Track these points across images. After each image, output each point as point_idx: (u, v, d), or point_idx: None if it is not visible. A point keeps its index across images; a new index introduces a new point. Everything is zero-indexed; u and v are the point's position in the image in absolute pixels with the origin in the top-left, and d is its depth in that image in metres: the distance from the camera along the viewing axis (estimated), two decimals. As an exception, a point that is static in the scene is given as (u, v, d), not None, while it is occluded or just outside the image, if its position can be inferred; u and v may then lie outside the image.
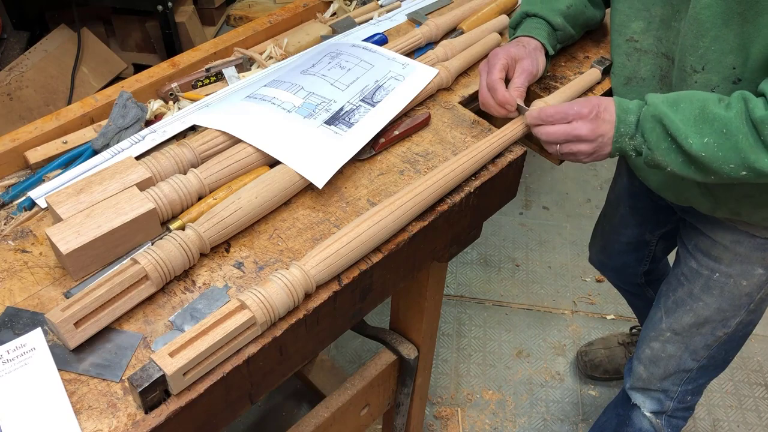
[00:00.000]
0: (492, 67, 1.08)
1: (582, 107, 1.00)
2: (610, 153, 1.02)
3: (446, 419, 1.97)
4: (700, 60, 1.00)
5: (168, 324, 0.83)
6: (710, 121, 0.93)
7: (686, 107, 0.95)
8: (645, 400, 1.40)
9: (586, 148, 1.00)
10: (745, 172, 0.92)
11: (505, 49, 1.10)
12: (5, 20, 2.29)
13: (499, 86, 1.07)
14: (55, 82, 2.20)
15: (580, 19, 1.22)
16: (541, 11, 1.17)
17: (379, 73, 1.13)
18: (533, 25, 1.17)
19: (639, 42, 1.12)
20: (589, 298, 2.30)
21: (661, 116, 0.96)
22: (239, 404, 0.86)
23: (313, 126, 1.02)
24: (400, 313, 1.37)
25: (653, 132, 0.96)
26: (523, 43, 1.13)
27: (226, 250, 0.92)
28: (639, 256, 1.60)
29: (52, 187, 0.98)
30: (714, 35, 0.96)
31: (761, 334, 2.15)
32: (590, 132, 0.99)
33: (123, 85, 1.15)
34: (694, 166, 0.96)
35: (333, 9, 1.40)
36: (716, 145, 0.92)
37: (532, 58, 1.11)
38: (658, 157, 0.97)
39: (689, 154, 0.94)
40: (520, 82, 1.09)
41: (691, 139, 0.93)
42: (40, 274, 0.88)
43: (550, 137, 1.01)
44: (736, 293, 1.21)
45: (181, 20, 2.27)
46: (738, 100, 0.93)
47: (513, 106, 1.07)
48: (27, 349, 0.79)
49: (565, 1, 1.18)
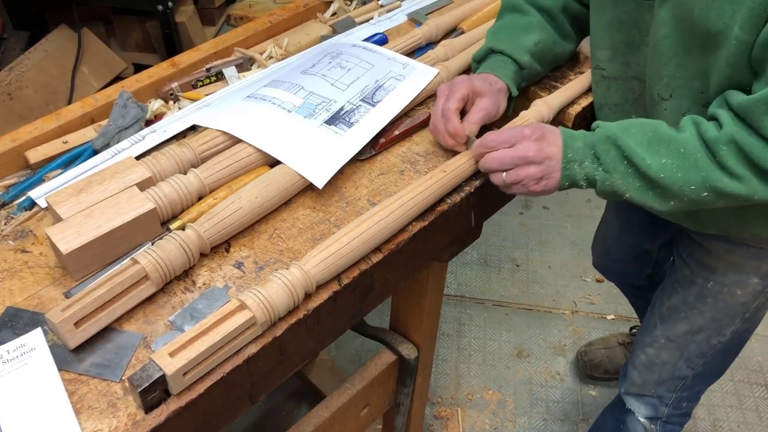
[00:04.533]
0: (451, 94, 1.03)
1: (524, 128, 0.95)
2: (559, 181, 0.95)
3: (446, 419, 1.97)
4: (666, 88, 0.97)
5: (168, 324, 0.83)
6: (666, 143, 0.90)
7: (637, 131, 0.92)
8: (640, 405, 1.39)
9: (534, 172, 0.94)
10: (706, 192, 0.89)
11: (469, 81, 1.05)
12: (5, 20, 2.29)
13: (453, 116, 1.01)
14: (56, 82, 2.20)
15: (547, 55, 1.15)
16: (506, 48, 1.09)
17: (379, 73, 1.13)
18: (498, 63, 1.09)
19: (606, 70, 1.09)
20: (589, 298, 2.30)
21: (615, 137, 0.92)
22: (239, 404, 0.86)
23: (314, 126, 1.02)
24: (400, 313, 1.37)
25: (608, 153, 0.92)
26: (489, 81, 1.06)
27: (226, 250, 0.92)
28: (641, 262, 1.60)
29: (52, 187, 0.98)
30: (677, 63, 0.94)
31: (761, 334, 2.15)
32: (537, 153, 0.93)
33: (123, 85, 1.15)
34: (653, 191, 0.92)
35: (333, 9, 1.40)
36: (675, 166, 0.89)
37: (495, 98, 1.05)
38: (616, 181, 0.93)
39: (648, 176, 0.90)
40: (476, 119, 1.03)
41: (649, 161, 0.90)
42: (40, 274, 0.88)
43: (495, 163, 0.95)
44: (731, 302, 1.19)
45: (182, 20, 2.26)
46: (689, 123, 0.91)
47: (462, 139, 1.02)
48: (27, 349, 0.79)
49: (532, 37, 1.11)
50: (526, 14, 1.14)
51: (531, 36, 1.11)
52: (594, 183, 0.95)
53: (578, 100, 1.17)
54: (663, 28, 0.93)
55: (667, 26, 0.92)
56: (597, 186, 0.94)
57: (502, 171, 0.95)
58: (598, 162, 0.93)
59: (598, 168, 0.93)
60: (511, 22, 1.14)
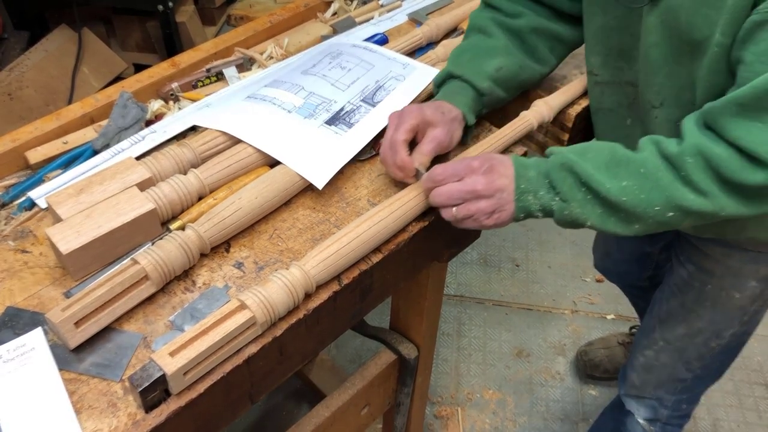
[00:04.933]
0: (400, 125, 0.96)
1: (472, 161, 0.90)
2: (513, 214, 0.90)
3: (446, 419, 1.97)
4: (657, 96, 0.95)
5: (168, 324, 0.83)
6: (624, 164, 0.86)
7: (594, 155, 0.88)
8: (639, 407, 1.39)
9: (485, 206, 0.89)
10: (671, 212, 0.85)
11: (419, 110, 0.97)
12: (5, 20, 2.29)
13: (401, 149, 0.95)
14: (56, 82, 2.20)
15: (513, 81, 1.07)
16: (466, 74, 1.03)
17: (379, 74, 1.13)
18: (456, 90, 1.03)
19: (599, 75, 1.06)
20: (589, 297, 2.30)
21: (570, 164, 0.87)
22: (239, 404, 0.86)
23: (314, 126, 1.02)
24: (400, 313, 1.37)
25: (565, 182, 0.87)
26: (442, 109, 0.99)
27: (226, 250, 0.92)
28: (642, 264, 1.60)
29: (52, 187, 0.98)
30: (667, 72, 0.91)
31: (761, 334, 2.15)
32: (486, 186, 0.88)
33: (123, 85, 1.15)
34: (615, 216, 0.87)
35: (333, 9, 1.40)
36: (636, 187, 0.85)
37: (448, 128, 0.99)
38: (575, 209, 0.88)
39: (609, 201, 0.86)
40: (427, 150, 0.97)
41: (608, 185, 0.85)
42: (40, 274, 0.88)
43: (443, 197, 0.90)
44: (729, 305, 1.17)
45: (182, 20, 2.27)
46: (648, 142, 0.88)
47: (411, 172, 0.95)
48: (27, 349, 0.79)
49: (495, 62, 1.04)
50: (490, 36, 1.07)
51: (494, 60, 1.05)
52: (551, 213, 0.90)
53: (578, 100, 1.16)
54: (652, 36, 0.90)
55: (656, 34, 0.90)
56: (554, 216, 0.90)
57: (452, 206, 0.90)
58: (554, 191, 0.88)
59: (554, 197, 0.89)
60: (475, 44, 1.08)
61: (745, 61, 0.80)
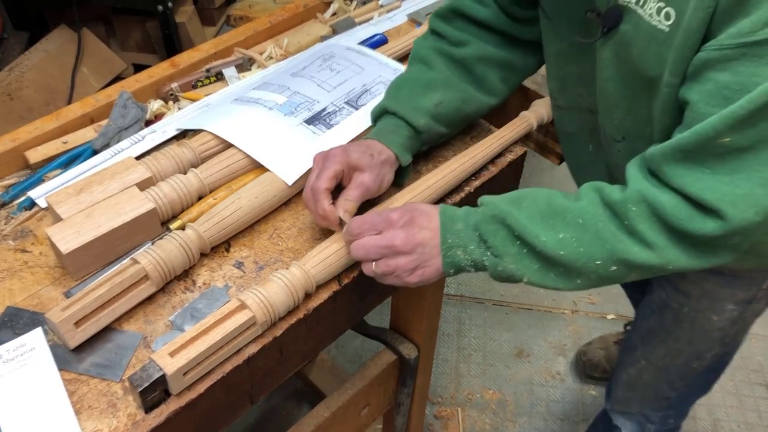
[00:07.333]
0: (322, 171, 0.88)
1: (390, 213, 0.83)
2: (441, 269, 0.83)
3: (446, 419, 1.97)
4: (618, 130, 0.89)
5: (168, 324, 0.83)
6: (561, 215, 0.80)
7: (529, 204, 0.81)
8: (626, 422, 1.38)
9: (405, 263, 0.81)
10: (614, 267, 0.77)
11: (344, 154, 0.89)
12: (5, 20, 2.29)
13: (322, 197, 0.87)
14: (56, 82, 2.20)
15: (455, 116, 1.00)
16: (400, 110, 0.95)
17: (368, 77, 1.12)
18: (390, 128, 0.95)
19: (557, 99, 1.02)
20: (589, 297, 2.30)
21: (503, 216, 0.80)
22: (239, 404, 0.86)
23: (292, 124, 1.01)
24: (400, 313, 1.37)
25: (497, 235, 0.80)
26: (371, 151, 0.91)
27: (226, 250, 0.92)
28: None
29: (52, 187, 0.98)
30: (626, 107, 0.85)
31: (761, 334, 2.15)
32: (405, 241, 0.81)
33: (123, 85, 1.15)
34: (554, 270, 0.80)
35: (333, 9, 1.40)
36: (575, 240, 0.78)
37: (377, 172, 0.90)
38: (509, 265, 0.81)
39: (545, 255, 0.79)
40: (353, 196, 0.88)
41: (544, 237, 0.78)
42: (40, 273, 0.88)
43: (360, 252, 0.83)
44: (708, 327, 1.11)
45: (182, 20, 2.27)
46: (589, 189, 0.81)
47: (335, 221, 0.87)
48: (27, 349, 0.79)
49: (434, 96, 0.97)
50: (431, 68, 0.99)
51: (433, 95, 0.97)
52: (484, 268, 0.83)
53: (578, 100, 1.16)
54: (607, 70, 0.85)
55: (611, 68, 0.84)
56: (488, 271, 0.83)
57: (372, 261, 0.83)
58: (485, 245, 0.81)
59: (485, 252, 0.81)
60: (414, 76, 1.00)
61: (690, 101, 0.73)
